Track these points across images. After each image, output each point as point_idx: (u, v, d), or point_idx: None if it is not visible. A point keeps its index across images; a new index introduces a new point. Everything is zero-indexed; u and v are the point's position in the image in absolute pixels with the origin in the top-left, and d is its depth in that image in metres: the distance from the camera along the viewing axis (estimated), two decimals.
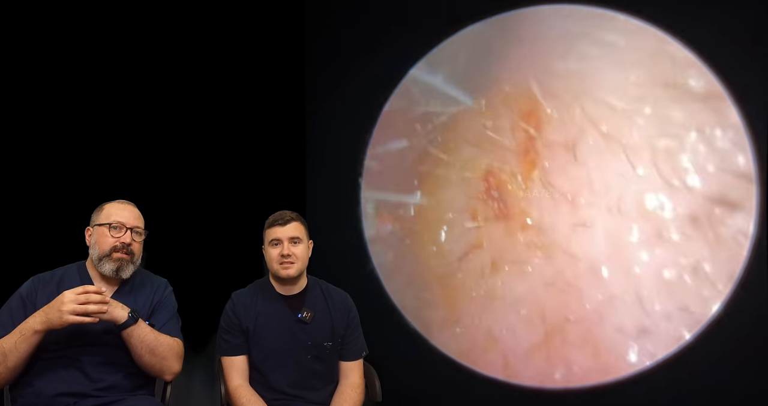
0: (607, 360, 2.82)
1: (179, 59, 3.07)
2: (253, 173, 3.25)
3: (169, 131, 3.03)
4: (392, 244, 3.30)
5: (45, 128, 2.72)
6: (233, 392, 2.10)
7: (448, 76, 3.20)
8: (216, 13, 3.19)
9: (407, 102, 3.28)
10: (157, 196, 2.71)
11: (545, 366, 2.95)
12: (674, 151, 2.70)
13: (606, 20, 2.82)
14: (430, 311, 3.21)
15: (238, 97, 3.26)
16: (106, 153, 2.84)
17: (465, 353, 3.12)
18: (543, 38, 2.97)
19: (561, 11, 2.93)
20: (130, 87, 2.93)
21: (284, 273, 2.14)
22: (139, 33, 2.95)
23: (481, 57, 3.12)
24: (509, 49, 3.06)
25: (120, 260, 1.96)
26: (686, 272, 2.67)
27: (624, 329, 2.78)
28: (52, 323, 1.77)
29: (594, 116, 2.85)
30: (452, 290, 3.16)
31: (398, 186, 3.30)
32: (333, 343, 2.20)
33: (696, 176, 2.66)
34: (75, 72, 2.78)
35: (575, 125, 2.89)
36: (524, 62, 3.01)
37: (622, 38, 2.79)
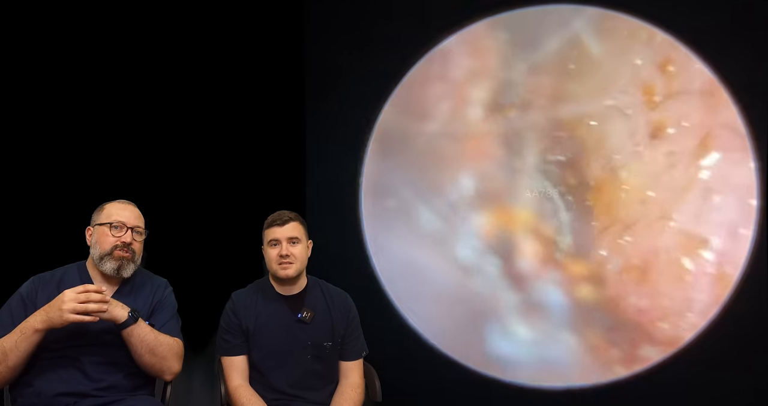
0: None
1: (179, 59, 3.07)
2: (253, 173, 3.25)
3: (169, 131, 3.03)
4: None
5: (45, 128, 2.72)
6: (233, 392, 2.10)
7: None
8: (216, 12, 3.19)
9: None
10: (157, 196, 2.71)
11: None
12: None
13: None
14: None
15: (238, 97, 3.25)
16: (106, 153, 2.84)
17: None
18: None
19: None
20: (129, 87, 2.93)
21: (283, 273, 2.14)
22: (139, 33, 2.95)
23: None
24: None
25: (121, 259, 1.97)
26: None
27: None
28: (53, 321, 1.77)
29: None
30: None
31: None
32: (333, 343, 2.20)
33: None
34: (76, 73, 2.79)
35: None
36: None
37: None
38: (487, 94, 3.13)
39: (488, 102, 3.13)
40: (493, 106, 3.12)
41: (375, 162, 3.31)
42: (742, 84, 2.75)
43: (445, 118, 3.19)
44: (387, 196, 3.28)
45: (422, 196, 3.22)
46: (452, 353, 3.14)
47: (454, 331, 3.14)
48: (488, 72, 3.13)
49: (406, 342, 3.21)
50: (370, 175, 3.31)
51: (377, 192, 3.30)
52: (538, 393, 2.97)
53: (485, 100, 3.13)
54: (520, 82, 3.06)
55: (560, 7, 2.99)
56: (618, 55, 2.90)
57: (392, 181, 3.27)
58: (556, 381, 2.94)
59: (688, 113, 2.80)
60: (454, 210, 3.16)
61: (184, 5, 3.08)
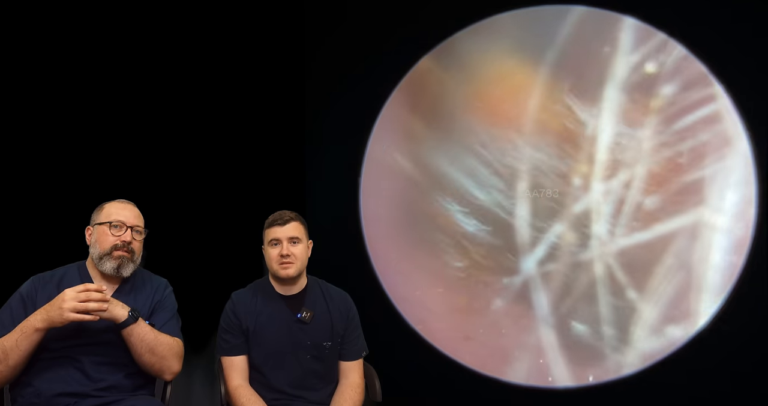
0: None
1: (179, 60, 3.07)
2: (253, 173, 3.25)
3: (169, 131, 3.03)
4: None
5: (45, 128, 2.72)
6: (233, 392, 2.10)
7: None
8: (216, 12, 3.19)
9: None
10: (157, 196, 2.71)
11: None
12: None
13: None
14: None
15: (238, 97, 3.26)
16: (106, 153, 2.84)
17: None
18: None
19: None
20: (129, 87, 2.93)
21: (283, 273, 2.14)
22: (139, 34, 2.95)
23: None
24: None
25: (121, 258, 1.97)
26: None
27: None
28: (53, 320, 1.78)
29: None
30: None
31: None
32: (332, 343, 2.20)
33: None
34: (76, 73, 2.79)
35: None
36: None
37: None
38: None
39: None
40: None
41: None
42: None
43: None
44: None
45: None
46: (452, 353, 3.14)
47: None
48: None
49: (406, 342, 3.21)
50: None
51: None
52: (538, 393, 2.97)
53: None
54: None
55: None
56: None
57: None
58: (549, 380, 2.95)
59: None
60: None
61: (184, 6, 3.08)
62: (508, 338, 3.05)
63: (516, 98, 3.06)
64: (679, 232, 2.79)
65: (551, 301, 2.98)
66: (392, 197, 3.29)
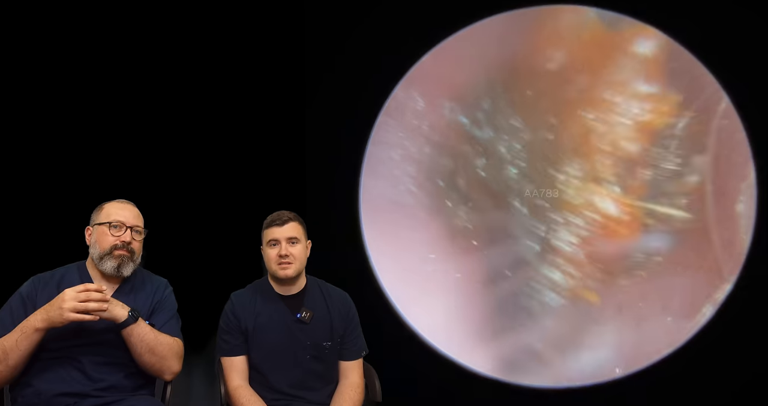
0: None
1: (179, 60, 3.07)
2: (253, 173, 3.25)
3: (168, 131, 3.03)
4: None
5: (45, 128, 2.72)
6: (233, 393, 2.10)
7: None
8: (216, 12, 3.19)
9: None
10: (157, 196, 2.71)
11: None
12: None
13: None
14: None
15: (238, 97, 3.26)
16: (106, 153, 2.84)
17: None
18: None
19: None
20: (129, 87, 2.93)
21: (282, 273, 2.14)
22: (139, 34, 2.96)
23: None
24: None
25: (121, 258, 1.97)
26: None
27: None
28: (53, 320, 1.78)
29: None
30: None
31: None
32: (332, 343, 2.20)
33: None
34: (75, 72, 2.79)
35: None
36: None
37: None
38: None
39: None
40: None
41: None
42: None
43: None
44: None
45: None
46: (452, 354, 3.14)
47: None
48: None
49: (406, 342, 3.21)
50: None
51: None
52: (538, 393, 2.97)
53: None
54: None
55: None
56: None
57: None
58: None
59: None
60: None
61: (184, 6, 3.08)
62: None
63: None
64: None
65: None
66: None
